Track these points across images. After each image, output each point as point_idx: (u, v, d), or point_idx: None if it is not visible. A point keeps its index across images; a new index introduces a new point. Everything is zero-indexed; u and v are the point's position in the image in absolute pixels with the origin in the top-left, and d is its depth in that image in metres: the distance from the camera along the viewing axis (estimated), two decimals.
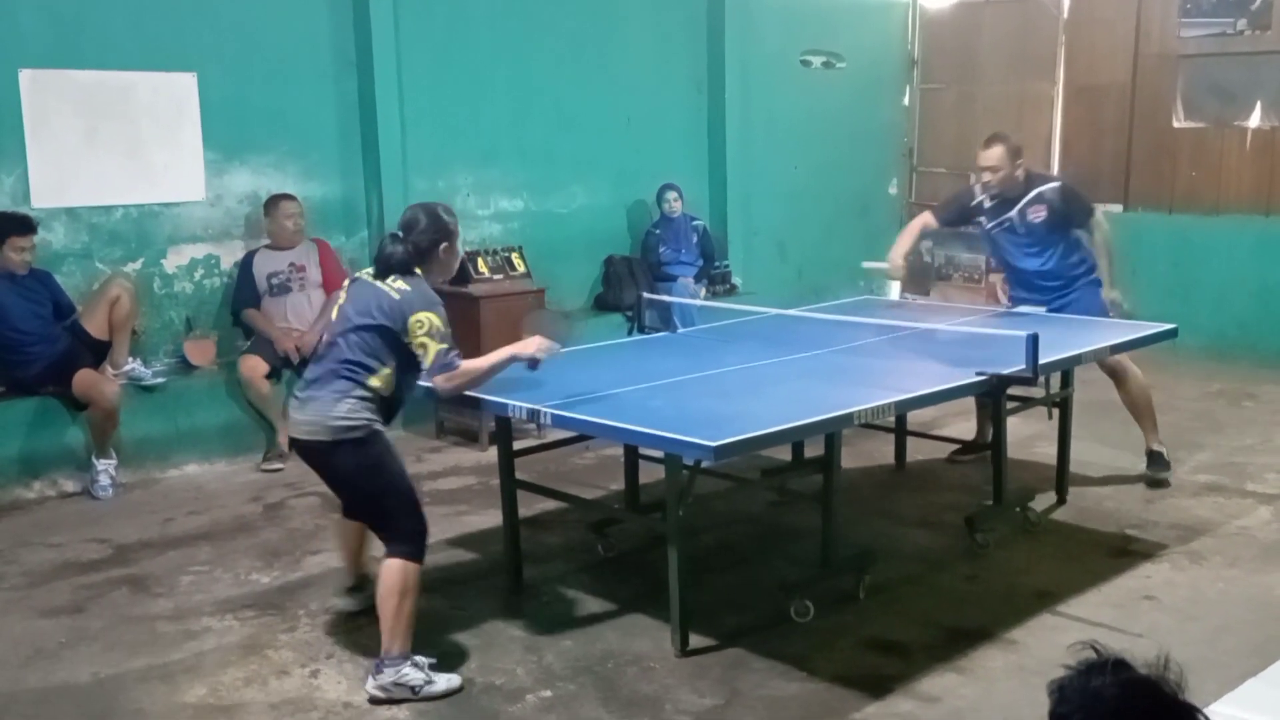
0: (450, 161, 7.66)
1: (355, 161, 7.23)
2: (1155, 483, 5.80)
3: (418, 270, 3.94)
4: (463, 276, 6.83)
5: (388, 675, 3.72)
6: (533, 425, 5.32)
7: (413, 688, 3.71)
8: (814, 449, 4.78)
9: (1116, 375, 5.87)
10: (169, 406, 6.35)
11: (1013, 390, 4.78)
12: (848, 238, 10.07)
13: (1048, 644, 4.07)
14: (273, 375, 6.47)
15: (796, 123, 9.51)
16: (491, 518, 5.20)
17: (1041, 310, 5.88)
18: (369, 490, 3.91)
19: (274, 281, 6.61)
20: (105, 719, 3.71)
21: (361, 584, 4.37)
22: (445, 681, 3.78)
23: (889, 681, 3.84)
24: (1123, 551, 4.96)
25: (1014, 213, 5.83)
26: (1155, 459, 5.89)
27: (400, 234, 3.99)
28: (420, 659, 3.77)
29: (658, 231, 8.41)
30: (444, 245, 3.99)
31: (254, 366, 6.38)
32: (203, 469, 6.38)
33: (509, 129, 7.88)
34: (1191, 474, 6.00)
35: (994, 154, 5.77)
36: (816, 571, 4.52)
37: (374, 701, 3.72)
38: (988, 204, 5.93)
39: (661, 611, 4.16)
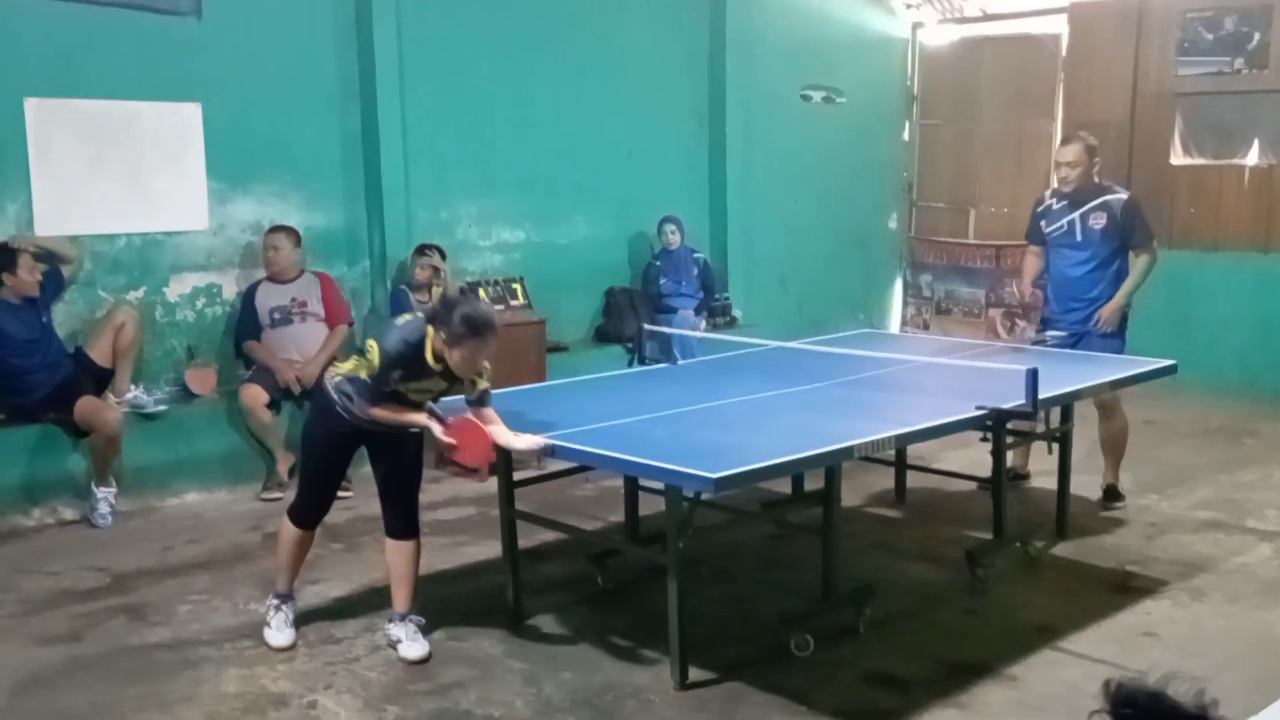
0: (452, 192, 7.70)
1: (358, 192, 7.27)
2: (1108, 508, 6.00)
3: (431, 327, 3.99)
4: None
5: (267, 603, 4.49)
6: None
7: (265, 623, 4.43)
8: (814, 482, 4.77)
9: (1106, 410, 5.91)
10: (169, 435, 6.35)
11: (1013, 425, 4.78)
12: (848, 271, 10.14)
13: (1048, 680, 4.06)
14: (273, 405, 6.48)
15: (797, 157, 9.56)
16: (491, 548, 5.19)
17: (1056, 335, 5.91)
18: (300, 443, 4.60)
19: (275, 315, 6.63)
20: None
21: (395, 615, 4.36)
22: (271, 636, 4.37)
23: (888, 716, 3.82)
24: (1123, 587, 4.95)
25: (1076, 215, 5.89)
26: (1114, 492, 6.08)
27: (456, 302, 4.04)
28: (276, 604, 4.43)
29: (658, 263, 8.44)
30: (457, 349, 3.94)
31: (255, 395, 6.39)
32: (202, 497, 6.37)
33: (511, 160, 7.92)
34: (1192, 510, 5.99)
35: (1072, 150, 5.87)
36: (816, 605, 4.51)
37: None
38: (1055, 206, 5.99)
39: (661, 644, 4.14)
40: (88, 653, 4.37)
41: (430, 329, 3.96)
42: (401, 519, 4.33)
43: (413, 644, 4.26)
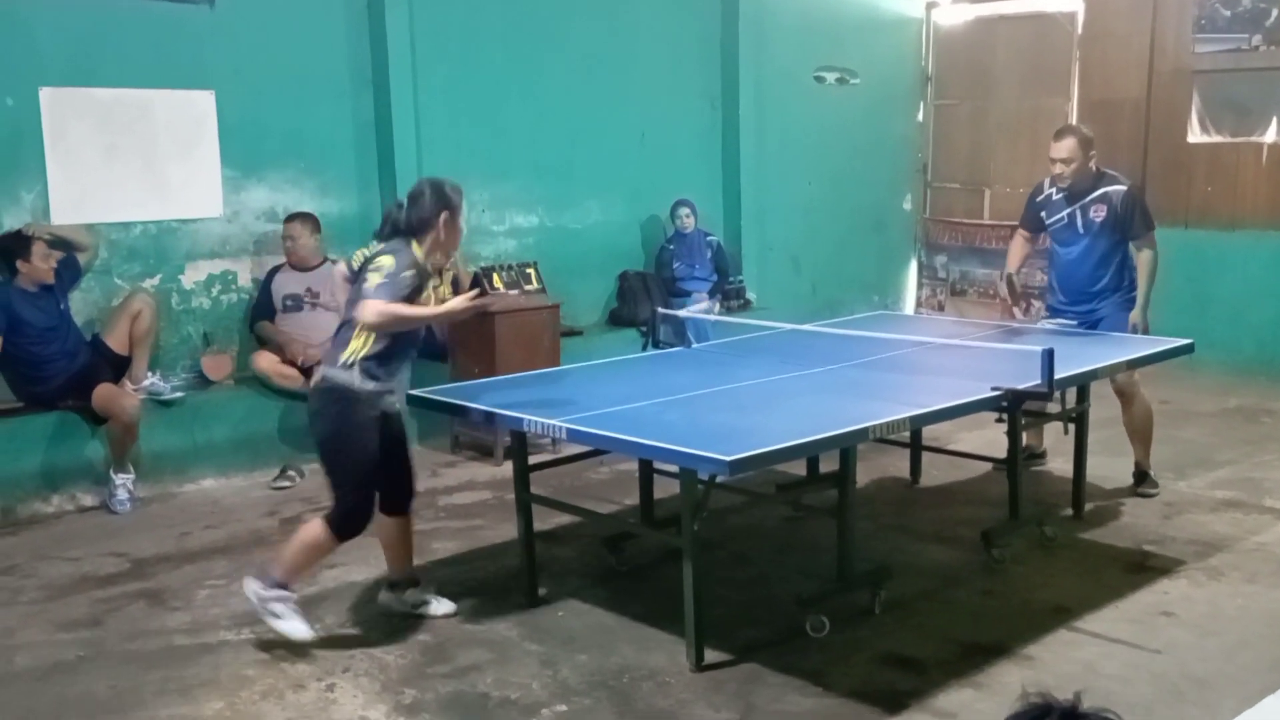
0: (465, 178, 7.50)
1: (371, 178, 7.27)
2: (1142, 493, 5.90)
3: (414, 240, 4.15)
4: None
5: (267, 593, 4.19)
6: (548, 440, 5.32)
7: (272, 613, 4.19)
8: (829, 464, 4.77)
9: (1125, 396, 5.86)
10: (186, 421, 6.38)
11: (1029, 405, 4.77)
12: (862, 253, 10.11)
13: (1064, 659, 4.06)
14: None
15: (810, 138, 9.53)
16: (507, 532, 5.21)
17: (1066, 324, 5.87)
18: (325, 449, 4.22)
19: (288, 302, 6.66)
20: None
21: (403, 583, 4.52)
22: (291, 628, 4.18)
23: (905, 697, 3.83)
24: (1140, 567, 4.94)
25: (1076, 208, 5.82)
26: (1145, 478, 5.97)
27: (403, 203, 4.25)
28: (290, 597, 4.21)
29: (672, 247, 8.43)
30: (444, 215, 4.18)
31: (269, 358, 6.47)
32: (219, 483, 6.41)
33: (524, 145, 7.91)
34: (1209, 489, 5.97)
35: (1065, 145, 5.76)
36: (832, 586, 4.51)
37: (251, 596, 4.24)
38: (1055, 196, 5.92)
39: (677, 626, 4.15)
40: (108, 637, 4.41)
41: (413, 242, 4.13)
42: (407, 493, 4.47)
43: (440, 602, 4.50)
